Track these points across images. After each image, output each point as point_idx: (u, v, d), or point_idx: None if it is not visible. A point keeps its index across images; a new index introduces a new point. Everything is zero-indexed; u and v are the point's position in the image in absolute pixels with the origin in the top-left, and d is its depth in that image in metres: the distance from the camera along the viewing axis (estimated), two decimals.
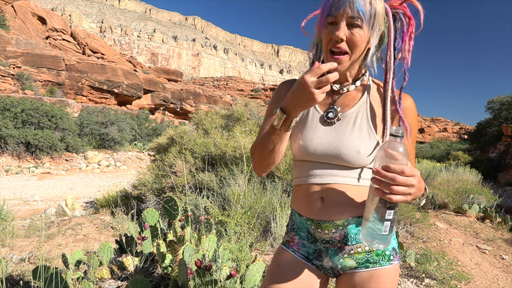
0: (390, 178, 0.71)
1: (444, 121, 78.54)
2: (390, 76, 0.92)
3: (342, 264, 0.95)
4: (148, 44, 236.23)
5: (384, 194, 0.72)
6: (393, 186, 0.71)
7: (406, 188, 0.71)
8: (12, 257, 2.99)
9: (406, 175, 0.71)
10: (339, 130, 0.93)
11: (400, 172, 0.70)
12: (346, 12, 0.83)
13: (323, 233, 0.95)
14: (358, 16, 0.83)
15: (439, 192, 5.88)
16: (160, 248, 2.03)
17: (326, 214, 0.93)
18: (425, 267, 3.07)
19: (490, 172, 13.74)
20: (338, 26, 0.84)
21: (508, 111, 18.21)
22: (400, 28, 0.91)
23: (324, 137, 0.94)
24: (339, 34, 0.84)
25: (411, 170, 0.71)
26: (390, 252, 0.93)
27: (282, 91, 1.04)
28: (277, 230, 3.14)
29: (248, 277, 1.80)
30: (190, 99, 37.14)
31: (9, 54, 23.80)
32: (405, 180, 0.70)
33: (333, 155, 0.92)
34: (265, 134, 0.93)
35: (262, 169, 1.01)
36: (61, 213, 5.89)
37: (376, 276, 0.91)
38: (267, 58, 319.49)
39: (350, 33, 0.85)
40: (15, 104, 13.88)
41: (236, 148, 4.36)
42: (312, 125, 0.97)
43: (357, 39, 0.85)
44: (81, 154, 15.30)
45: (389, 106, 0.92)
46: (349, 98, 0.97)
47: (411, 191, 0.72)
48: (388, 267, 0.92)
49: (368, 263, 0.92)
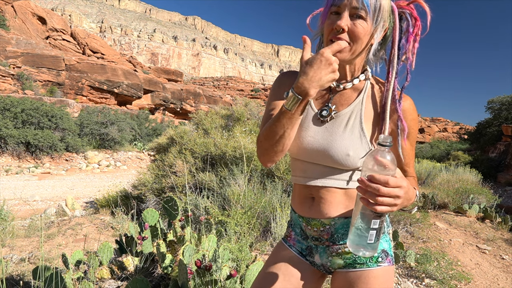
0: (374, 189, 0.69)
1: (444, 121, 78.56)
2: (393, 76, 0.91)
3: (331, 262, 0.96)
4: (148, 44, 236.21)
5: (368, 204, 0.70)
6: (378, 197, 0.69)
7: (391, 199, 0.69)
8: (12, 257, 2.99)
9: (391, 186, 0.69)
10: (331, 130, 0.91)
11: (384, 183, 0.68)
12: (350, 2, 0.81)
13: (312, 231, 0.97)
14: (362, 7, 0.81)
15: (439, 192, 5.88)
16: (160, 248, 2.03)
17: (315, 212, 0.95)
18: (425, 267, 3.07)
19: (490, 172, 13.73)
20: (341, 15, 0.83)
21: (508, 111, 18.22)
22: (406, 28, 0.89)
23: (315, 137, 0.93)
24: (341, 24, 0.81)
25: (396, 181, 0.69)
26: (378, 254, 0.92)
27: (283, 80, 1.01)
28: (277, 230, 3.14)
29: (248, 277, 1.80)
30: (190, 99, 37.13)
31: (9, 54, 23.81)
32: (389, 191, 0.69)
33: (323, 156, 0.90)
34: (275, 119, 0.86)
35: (269, 157, 0.93)
36: (61, 213, 5.89)
37: (364, 277, 0.90)
38: (267, 58, 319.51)
39: (352, 24, 0.83)
40: (15, 104, 13.88)
41: (236, 148, 4.36)
42: (305, 122, 0.95)
43: (359, 30, 0.83)
44: (81, 154, 15.30)
45: (389, 106, 0.90)
46: (345, 97, 0.95)
47: (396, 202, 0.70)
48: (376, 268, 0.91)
49: (356, 263, 0.92)
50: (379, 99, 0.94)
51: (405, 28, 0.90)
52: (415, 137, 0.94)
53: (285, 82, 1.00)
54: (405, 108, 0.90)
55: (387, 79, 0.92)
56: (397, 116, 0.90)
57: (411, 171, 0.96)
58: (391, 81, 0.91)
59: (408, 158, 0.94)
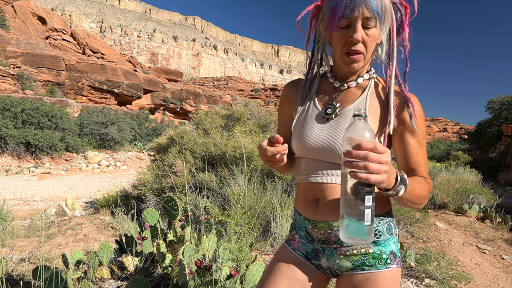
0: (363, 157, 0.66)
1: (444, 121, 78.55)
2: (393, 65, 0.92)
3: (339, 265, 0.94)
4: (148, 44, 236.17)
5: (357, 176, 0.68)
6: (368, 164, 0.66)
7: (381, 165, 0.67)
8: (12, 257, 2.99)
9: (379, 152, 0.67)
10: (336, 126, 0.92)
11: (372, 148, 0.66)
12: (362, 13, 0.82)
13: (319, 233, 0.95)
14: (373, 16, 0.82)
15: (439, 192, 5.88)
16: (160, 248, 2.03)
17: (321, 214, 0.94)
18: (425, 267, 3.07)
19: (490, 172, 13.73)
20: (355, 28, 0.83)
21: (508, 111, 18.23)
22: (400, 18, 0.91)
23: (320, 134, 0.93)
24: (358, 37, 0.83)
25: (382, 146, 0.68)
26: (387, 255, 0.90)
27: (284, 93, 1.11)
28: (277, 230, 3.14)
29: (248, 277, 1.79)
30: (190, 99, 37.13)
31: (9, 54, 23.80)
32: (378, 157, 0.67)
33: (328, 152, 0.90)
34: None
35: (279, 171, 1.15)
36: (61, 213, 5.88)
37: (372, 279, 0.89)
38: (267, 58, 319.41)
39: (365, 34, 0.84)
40: (15, 104, 13.87)
41: (236, 148, 4.36)
42: (310, 122, 0.97)
43: (371, 38, 0.85)
44: (81, 154, 15.30)
45: (393, 95, 0.90)
46: (349, 95, 0.96)
47: (386, 169, 0.68)
48: (385, 270, 0.89)
49: (364, 265, 0.91)
50: (384, 95, 0.95)
51: (399, 18, 0.92)
52: (423, 135, 0.92)
53: (282, 100, 1.12)
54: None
55: (388, 69, 0.93)
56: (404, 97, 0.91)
57: (422, 171, 0.91)
58: (392, 70, 0.92)
59: (416, 155, 0.91)
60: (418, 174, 0.91)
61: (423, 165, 0.91)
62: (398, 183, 0.76)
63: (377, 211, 0.91)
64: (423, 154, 0.92)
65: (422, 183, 0.87)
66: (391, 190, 0.77)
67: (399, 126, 0.92)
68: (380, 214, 0.92)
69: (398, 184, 0.76)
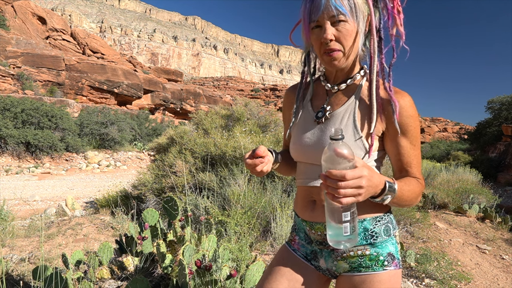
0: (333, 184, 0.69)
1: (444, 121, 78.52)
2: (374, 62, 0.90)
3: (336, 266, 0.95)
4: (148, 44, 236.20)
5: (333, 199, 0.70)
6: (339, 190, 0.68)
7: (353, 190, 0.69)
8: (12, 257, 2.99)
9: (349, 179, 0.68)
10: (325, 129, 0.93)
11: (341, 177, 0.68)
12: (326, 13, 0.83)
13: (316, 235, 0.96)
14: (338, 12, 0.82)
15: (439, 192, 5.88)
16: (160, 248, 2.03)
17: (318, 216, 0.95)
18: (425, 267, 3.07)
19: (490, 172, 13.72)
20: (324, 28, 0.84)
21: (508, 111, 18.23)
22: (383, 7, 0.89)
23: (311, 137, 0.95)
24: (327, 36, 0.84)
25: (353, 173, 0.68)
26: (384, 257, 0.89)
27: (284, 98, 1.15)
28: (277, 230, 3.15)
29: (248, 277, 1.80)
30: (190, 99, 37.12)
31: (9, 54, 23.79)
32: (348, 184, 0.68)
33: (318, 155, 0.88)
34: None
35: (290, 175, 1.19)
36: (61, 213, 5.88)
37: (368, 281, 0.89)
38: (267, 58, 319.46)
39: (336, 31, 0.84)
40: (15, 104, 13.87)
41: (236, 148, 4.36)
42: (303, 126, 0.99)
43: (344, 33, 0.84)
44: (81, 154, 15.30)
45: (375, 92, 0.89)
46: (339, 97, 0.96)
47: (360, 192, 0.69)
48: (382, 272, 0.89)
49: (361, 267, 0.91)
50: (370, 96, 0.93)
51: (382, 7, 0.90)
52: (415, 135, 0.90)
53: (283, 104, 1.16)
54: (401, 105, 0.88)
55: (370, 65, 0.91)
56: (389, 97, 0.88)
57: (414, 171, 0.90)
58: (373, 68, 0.90)
59: (407, 156, 0.90)
60: (410, 174, 0.91)
61: (415, 166, 0.91)
62: (386, 193, 0.78)
63: (373, 212, 0.91)
64: (415, 154, 0.91)
65: (413, 185, 0.87)
66: (378, 198, 0.80)
67: (388, 127, 0.90)
68: (377, 215, 0.92)
69: (386, 193, 0.78)
